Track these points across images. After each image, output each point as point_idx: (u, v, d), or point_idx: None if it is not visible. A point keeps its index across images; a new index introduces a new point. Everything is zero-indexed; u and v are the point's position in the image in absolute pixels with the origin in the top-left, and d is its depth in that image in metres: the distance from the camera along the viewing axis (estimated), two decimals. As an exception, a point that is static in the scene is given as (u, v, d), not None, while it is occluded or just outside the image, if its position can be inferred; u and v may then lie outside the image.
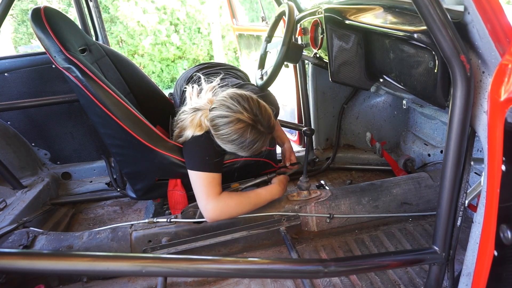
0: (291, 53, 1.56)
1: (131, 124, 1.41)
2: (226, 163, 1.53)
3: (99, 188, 2.19)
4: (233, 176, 1.65)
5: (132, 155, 1.49)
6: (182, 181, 1.53)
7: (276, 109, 1.59)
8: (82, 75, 1.35)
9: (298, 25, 1.99)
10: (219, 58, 7.94)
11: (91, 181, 2.21)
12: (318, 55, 1.82)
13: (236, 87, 1.47)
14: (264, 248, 1.54)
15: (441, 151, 1.89)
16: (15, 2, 1.75)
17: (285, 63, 2.00)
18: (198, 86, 1.53)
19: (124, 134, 1.41)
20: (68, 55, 1.35)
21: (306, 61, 2.15)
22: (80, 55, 1.43)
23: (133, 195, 1.62)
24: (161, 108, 1.95)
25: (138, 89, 1.86)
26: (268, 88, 1.72)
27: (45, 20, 1.35)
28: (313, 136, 2.33)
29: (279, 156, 2.28)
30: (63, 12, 1.55)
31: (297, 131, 2.53)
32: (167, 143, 1.48)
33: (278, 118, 1.99)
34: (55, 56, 1.36)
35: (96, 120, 1.46)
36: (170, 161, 1.46)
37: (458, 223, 0.94)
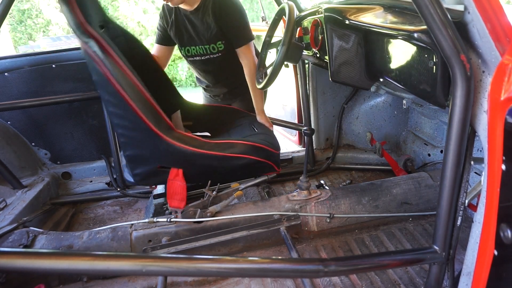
0: (291, 53, 1.56)
1: (142, 107, 1.37)
2: (232, 156, 1.52)
3: (99, 188, 2.19)
4: (235, 174, 1.65)
5: (138, 139, 1.47)
6: (184, 171, 1.52)
7: None
8: (101, 51, 1.30)
9: (299, 24, 1.99)
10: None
11: (91, 181, 2.21)
12: (318, 55, 1.82)
13: None
14: (264, 248, 1.54)
15: (441, 151, 1.89)
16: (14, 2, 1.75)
17: (285, 63, 2.00)
18: None
19: (134, 117, 1.37)
20: (89, 29, 1.31)
21: (306, 61, 2.16)
22: (100, 31, 1.40)
23: (131, 179, 1.59)
24: (170, 101, 1.91)
25: (149, 76, 1.82)
26: (268, 88, 1.73)
27: None
28: (313, 136, 2.33)
29: (283, 155, 2.28)
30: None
31: (297, 131, 2.53)
32: (174, 132, 1.46)
33: (278, 117, 2.00)
34: (75, 29, 1.32)
35: (107, 98, 1.43)
36: (175, 149, 1.44)
37: (458, 223, 0.94)
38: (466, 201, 0.92)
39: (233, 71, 2.01)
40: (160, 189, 1.95)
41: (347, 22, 1.39)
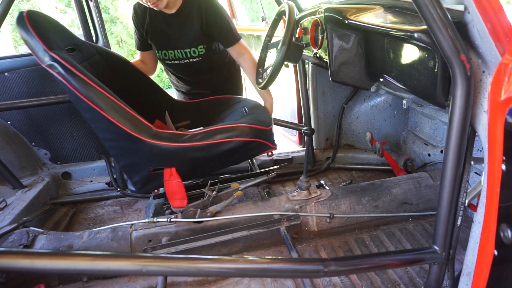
0: (291, 52, 1.55)
1: (115, 115, 1.38)
2: (218, 143, 1.49)
3: (99, 188, 2.19)
4: (229, 160, 1.63)
5: (124, 147, 1.48)
6: (177, 169, 1.50)
7: None
8: (65, 71, 1.34)
9: (299, 24, 1.99)
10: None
11: (91, 181, 2.21)
12: (318, 55, 1.82)
13: None
14: (264, 248, 1.54)
15: (441, 151, 1.89)
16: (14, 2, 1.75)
17: (285, 62, 2.00)
18: None
19: (113, 126, 1.39)
20: (51, 53, 1.36)
21: (306, 61, 2.16)
22: (65, 53, 1.43)
23: (133, 188, 1.61)
24: (158, 103, 1.93)
25: (133, 85, 1.84)
26: (269, 88, 1.73)
27: (29, 23, 1.36)
28: (313, 136, 2.33)
29: (283, 155, 2.28)
30: (48, 14, 1.57)
31: (297, 131, 2.53)
32: (154, 131, 1.44)
33: (278, 117, 2.00)
34: (40, 56, 1.38)
35: (86, 116, 1.45)
36: (160, 149, 1.42)
37: (458, 223, 0.94)
38: (466, 201, 0.92)
39: (211, 76, 2.01)
40: (160, 189, 1.95)
41: (347, 22, 1.39)
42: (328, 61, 1.57)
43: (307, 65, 2.19)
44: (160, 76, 8.74)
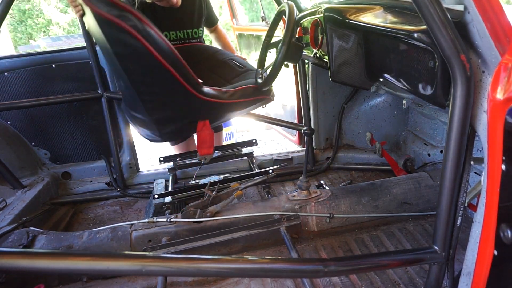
0: (291, 52, 1.56)
1: (176, 68, 1.35)
2: (248, 100, 1.68)
3: (99, 188, 2.19)
4: (244, 109, 1.75)
5: (171, 100, 1.50)
6: (210, 121, 1.61)
7: None
8: (140, 22, 1.22)
9: (298, 24, 1.99)
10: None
11: (91, 181, 2.22)
12: (318, 55, 1.82)
13: None
14: (264, 248, 1.54)
15: (441, 151, 1.89)
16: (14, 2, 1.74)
17: (285, 62, 2.00)
18: None
19: (167, 79, 1.37)
20: (115, 2, 1.22)
21: (306, 61, 2.16)
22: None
23: (159, 139, 1.65)
24: None
25: None
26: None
27: None
28: (313, 136, 2.33)
29: (283, 155, 2.28)
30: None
31: (297, 131, 2.53)
32: (205, 88, 1.50)
33: (278, 117, 2.01)
34: (103, 5, 1.21)
35: (132, 68, 1.38)
36: (208, 104, 1.52)
37: (458, 223, 0.94)
38: (466, 201, 0.92)
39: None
40: (160, 189, 1.95)
41: (347, 22, 1.39)
42: (328, 61, 1.57)
43: (307, 65, 2.19)
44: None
